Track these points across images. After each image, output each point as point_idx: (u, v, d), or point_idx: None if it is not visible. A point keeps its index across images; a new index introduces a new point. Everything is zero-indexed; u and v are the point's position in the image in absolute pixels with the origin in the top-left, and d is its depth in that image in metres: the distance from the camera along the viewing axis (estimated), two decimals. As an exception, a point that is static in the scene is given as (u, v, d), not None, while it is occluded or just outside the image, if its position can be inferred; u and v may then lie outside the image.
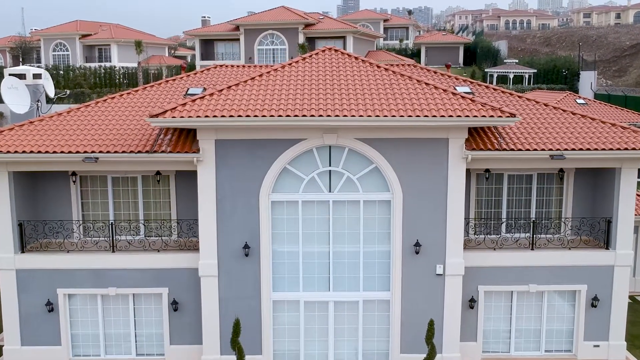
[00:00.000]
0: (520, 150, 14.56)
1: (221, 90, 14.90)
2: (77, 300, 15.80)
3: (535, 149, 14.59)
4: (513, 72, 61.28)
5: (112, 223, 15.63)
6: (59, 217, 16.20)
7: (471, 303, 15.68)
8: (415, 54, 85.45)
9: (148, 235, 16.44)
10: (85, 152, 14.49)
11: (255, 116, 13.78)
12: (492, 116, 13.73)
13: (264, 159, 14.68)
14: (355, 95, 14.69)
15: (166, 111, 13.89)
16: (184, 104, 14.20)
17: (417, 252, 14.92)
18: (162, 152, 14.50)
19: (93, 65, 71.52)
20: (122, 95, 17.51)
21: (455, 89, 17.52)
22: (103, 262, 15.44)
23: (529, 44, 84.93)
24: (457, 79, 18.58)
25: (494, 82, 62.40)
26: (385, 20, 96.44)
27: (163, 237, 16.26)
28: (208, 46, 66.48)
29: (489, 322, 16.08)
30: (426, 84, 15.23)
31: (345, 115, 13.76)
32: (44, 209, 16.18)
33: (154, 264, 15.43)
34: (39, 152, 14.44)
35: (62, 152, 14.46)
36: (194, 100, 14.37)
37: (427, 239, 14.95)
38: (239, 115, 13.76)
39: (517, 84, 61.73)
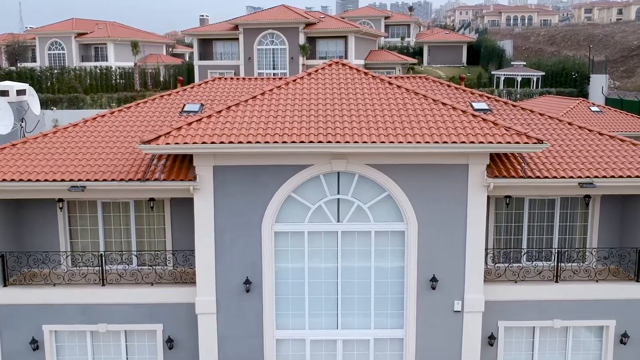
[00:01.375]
0: (546, 177, 13.35)
1: (220, 111, 13.66)
2: (65, 337, 14.59)
3: (563, 176, 13.38)
4: (521, 75, 59.67)
5: (101, 254, 14.40)
6: (45, 246, 14.99)
7: (490, 340, 14.50)
8: (417, 53, 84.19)
9: (141, 265, 15.24)
10: (71, 180, 13.26)
11: (258, 142, 12.56)
12: (517, 142, 12.51)
13: (267, 187, 13.47)
14: (366, 117, 13.46)
15: (159, 137, 12.66)
16: (179, 128, 12.96)
17: (433, 288, 13.73)
18: (156, 179, 13.28)
19: (89, 65, 70.19)
20: (113, 113, 16.27)
21: (472, 106, 16.36)
22: (92, 297, 14.23)
23: (533, 43, 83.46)
24: (472, 93, 17.35)
25: (501, 85, 60.88)
26: (386, 18, 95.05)
27: (157, 269, 15.03)
28: (206, 46, 65.15)
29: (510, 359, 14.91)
30: (443, 103, 14.00)
31: (356, 142, 12.54)
32: (28, 237, 14.97)
33: (147, 299, 14.23)
34: (21, 180, 13.22)
35: (46, 180, 13.23)
36: (189, 124, 13.13)
37: (444, 273, 13.75)
38: (240, 142, 12.53)
39: (524, 86, 60.21)
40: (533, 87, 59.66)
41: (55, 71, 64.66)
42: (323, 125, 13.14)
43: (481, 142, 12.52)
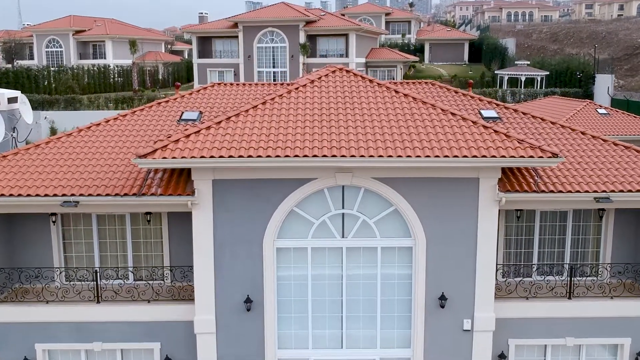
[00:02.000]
0: (560, 192, 12.78)
1: (219, 122, 13.07)
2: (58, 356, 14.03)
3: (578, 191, 12.80)
4: (525, 75, 58.75)
5: (96, 271, 13.82)
6: (38, 260, 14.41)
7: (501, 359, 13.95)
8: (418, 50, 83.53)
9: (138, 279, 14.67)
10: (64, 194, 12.69)
11: (259, 156, 11.97)
12: (531, 156, 11.93)
13: (269, 201, 12.90)
14: (372, 128, 12.87)
15: (156, 150, 12.08)
16: (177, 141, 12.37)
17: (442, 306, 13.17)
18: (152, 194, 12.70)
19: (87, 63, 69.43)
20: (109, 121, 15.68)
21: (480, 113, 15.79)
22: (87, 314, 13.67)
23: (535, 40, 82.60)
24: (480, 100, 16.77)
25: (505, 85, 60.06)
26: (386, 14, 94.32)
27: (154, 284, 14.45)
28: (205, 43, 64.44)
29: (520, 378, 14.36)
30: (452, 113, 13.41)
31: (362, 155, 11.95)
32: (20, 252, 14.38)
33: (144, 317, 13.68)
34: (11, 195, 12.64)
35: (37, 195, 12.66)
36: (187, 136, 12.54)
37: (453, 291, 13.20)
38: (240, 156, 11.94)
39: (527, 86, 59.32)
40: (537, 87, 58.72)
41: (52, 69, 63.84)
42: (327, 137, 12.55)
43: (493, 156, 11.94)
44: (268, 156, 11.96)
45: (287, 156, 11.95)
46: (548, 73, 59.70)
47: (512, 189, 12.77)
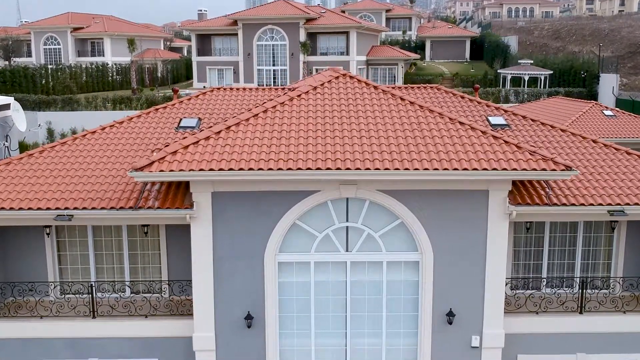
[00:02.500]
0: (573, 205, 12.32)
1: (219, 132, 12.58)
2: (53, 373, 13.61)
3: (592, 204, 12.34)
4: (528, 74, 58.03)
5: (92, 285, 13.37)
6: (31, 273, 13.96)
7: (510, 376, 13.53)
8: (419, 47, 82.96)
9: (135, 292, 14.22)
10: (57, 208, 12.22)
11: (260, 169, 11.50)
12: (544, 169, 11.45)
13: (270, 214, 12.43)
14: (377, 139, 12.40)
15: (153, 163, 11.59)
16: (175, 153, 11.89)
17: (450, 322, 12.72)
18: (149, 207, 12.23)
19: (85, 61, 68.83)
20: (104, 129, 15.20)
21: (488, 120, 15.33)
22: (82, 330, 13.24)
23: (537, 37, 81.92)
24: (488, 105, 16.30)
25: (507, 84, 59.42)
26: (387, 11, 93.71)
27: (152, 298, 13.99)
28: (205, 41, 63.88)
29: (530, 395, 13.92)
30: (460, 123, 12.92)
31: (367, 168, 11.48)
32: (14, 264, 13.93)
33: (141, 332, 13.24)
34: (2, 208, 12.17)
35: (30, 208, 12.19)
36: (186, 147, 12.05)
37: (462, 306, 12.75)
38: (241, 168, 11.47)
39: (531, 85, 58.59)
40: (540, 86, 58.06)
41: (50, 66, 63.15)
42: (331, 148, 12.07)
43: (504, 169, 11.47)
44: (270, 169, 11.49)
45: (289, 169, 11.47)
46: (552, 72, 58.99)
47: (522, 202, 12.31)
